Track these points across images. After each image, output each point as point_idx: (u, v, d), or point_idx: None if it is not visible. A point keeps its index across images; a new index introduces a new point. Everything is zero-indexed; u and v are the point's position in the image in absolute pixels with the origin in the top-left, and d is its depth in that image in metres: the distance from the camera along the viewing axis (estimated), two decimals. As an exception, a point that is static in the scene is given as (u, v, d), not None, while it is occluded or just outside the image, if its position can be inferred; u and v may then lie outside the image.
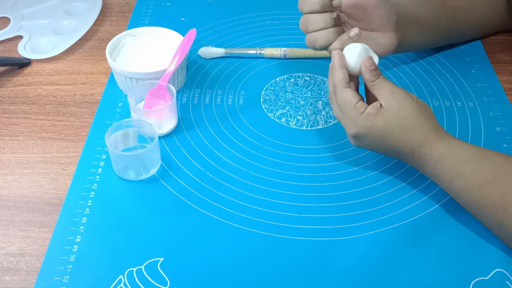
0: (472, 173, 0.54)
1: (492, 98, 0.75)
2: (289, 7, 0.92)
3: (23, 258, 0.56)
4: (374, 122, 0.57)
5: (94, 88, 0.77)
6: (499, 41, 0.85)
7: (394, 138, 0.57)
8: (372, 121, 0.57)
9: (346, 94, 0.59)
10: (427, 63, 0.81)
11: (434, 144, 0.56)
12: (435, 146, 0.56)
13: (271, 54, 0.81)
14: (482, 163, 0.55)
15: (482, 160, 0.55)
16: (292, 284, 0.54)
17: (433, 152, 0.56)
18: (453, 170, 0.55)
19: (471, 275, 0.55)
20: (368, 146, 0.60)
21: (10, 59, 0.80)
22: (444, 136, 0.57)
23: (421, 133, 0.57)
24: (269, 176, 0.64)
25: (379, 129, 0.57)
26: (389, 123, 0.57)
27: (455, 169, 0.55)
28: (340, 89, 0.59)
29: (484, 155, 0.56)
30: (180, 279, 0.54)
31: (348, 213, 0.60)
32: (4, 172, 0.65)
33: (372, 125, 0.57)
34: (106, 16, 0.92)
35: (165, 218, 0.60)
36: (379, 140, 0.58)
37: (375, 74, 0.58)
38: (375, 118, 0.57)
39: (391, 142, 0.58)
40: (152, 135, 0.63)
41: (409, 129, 0.57)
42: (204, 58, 0.81)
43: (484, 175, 0.54)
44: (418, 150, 0.57)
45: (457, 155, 0.55)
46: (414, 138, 0.57)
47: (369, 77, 0.58)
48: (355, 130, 0.59)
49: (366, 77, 0.59)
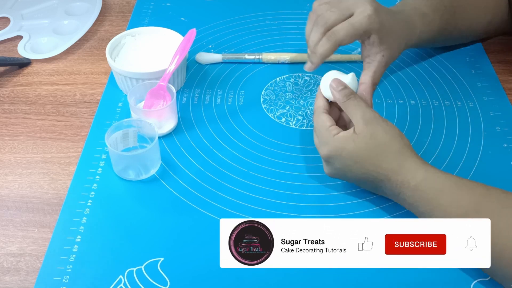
0: (451, 205, 0.52)
1: (492, 98, 0.75)
2: (289, 7, 0.92)
3: (23, 258, 0.56)
4: (345, 145, 0.56)
5: (94, 88, 0.77)
6: (499, 41, 0.85)
7: (367, 163, 0.56)
8: (342, 143, 0.56)
9: (322, 117, 0.59)
10: (427, 63, 0.81)
11: (411, 171, 0.54)
12: (412, 173, 0.54)
13: (269, 60, 0.80)
14: (461, 195, 0.52)
15: (462, 191, 0.53)
16: (292, 284, 0.54)
17: (409, 180, 0.54)
18: (433, 200, 0.53)
19: (472, 276, 0.55)
20: (340, 170, 0.58)
21: (10, 59, 0.80)
22: (421, 164, 0.55)
23: (395, 160, 0.55)
24: (269, 176, 0.64)
25: (348, 153, 0.56)
26: (359, 149, 0.56)
27: (434, 199, 0.53)
28: (317, 114, 0.60)
29: (463, 185, 0.53)
30: (180, 279, 0.54)
31: (348, 213, 0.60)
32: (4, 172, 0.65)
33: (342, 147, 0.56)
34: (106, 16, 0.92)
35: (165, 218, 0.60)
36: (349, 164, 0.57)
37: (344, 94, 0.59)
38: (345, 142, 0.56)
39: (364, 168, 0.56)
40: (152, 135, 0.63)
41: (382, 155, 0.55)
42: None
43: (464, 207, 0.52)
44: (395, 177, 0.55)
45: (436, 184, 0.53)
46: (388, 164, 0.55)
47: (339, 98, 0.59)
48: (326, 150, 0.58)
49: (336, 98, 0.59)
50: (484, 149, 0.68)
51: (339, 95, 0.59)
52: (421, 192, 0.54)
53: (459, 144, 0.68)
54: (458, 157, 0.66)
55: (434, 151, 0.67)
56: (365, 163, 0.56)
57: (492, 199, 0.52)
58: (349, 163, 0.57)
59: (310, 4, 0.92)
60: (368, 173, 0.56)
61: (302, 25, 0.87)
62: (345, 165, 0.57)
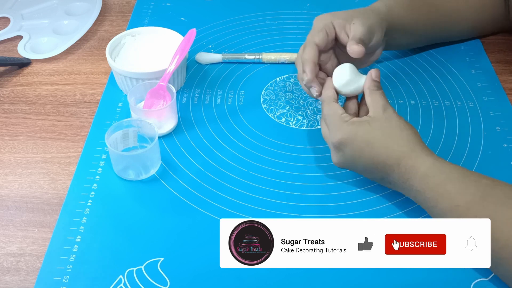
0: (458, 192, 0.53)
1: (492, 98, 0.75)
2: (289, 7, 0.92)
3: (23, 258, 0.56)
4: (359, 128, 0.57)
5: (94, 88, 0.77)
6: (499, 41, 0.85)
7: (379, 145, 0.56)
8: (357, 127, 0.57)
9: (333, 106, 0.61)
10: (428, 63, 0.81)
11: (421, 157, 0.55)
12: (422, 159, 0.55)
13: (269, 59, 0.80)
14: (468, 183, 0.53)
15: (469, 180, 0.53)
16: (292, 284, 0.54)
17: (419, 164, 0.55)
18: (439, 187, 0.54)
19: (472, 276, 0.55)
20: (350, 158, 0.59)
21: (10, 59, 0.80)
22: (430, 153, 0.56)
23: (407, 143, 0.56)
24: (269, 176, 0.64)
25: (362, 135, 0.57)
26: (373, 129, 0.57)
27: (441, 186, 0.53)
28: (327, 103, 0.61)
29: (471, 175, 0.54)
30: (180, 279, 0.54)
31: (348, 213, 0.60)
32: (4, 172, 0.65)
33: (356, 131, 0.57)
34: (106, 16, 0.92)
35: (165, 218, 0.60)
36: (362, 148, 0.57)
37: (377, 85, 0.60)
38: (360, 125, 0.57)
39: (375, 150, 0.57)
40: (152, 135, 0.63)
41: (394, 138, 0.56)
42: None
43: (470, 195, 0.52)
44: (404, 161, 0.55)
45: (444, 172, 0.54)
46: (400, 147, 0.56)
47: (371, 85, 0.60)
48: (339, 136, 0.58)
49: (368, 84, 0.61)
50: (484, 149, 0.68)
51: (371, 83, 0.61)
52: (430, 178, 0.54)
53: (459, 144, 0.68)
54: (458, 157, 0.66)
55: (434, 151, 0.66)
56: (378, 145, 0.57)
57: (497, 190, 0.53)
58: (362, 146, 0.57)
59: (310, 4, 0.92)
60: (378, 158, 0.57)
61: (302, 25, 0.88)
62: (357, 149, 0.58)
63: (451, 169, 0.55)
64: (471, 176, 0.54)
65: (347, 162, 0.59)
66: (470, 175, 0.55)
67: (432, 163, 0.55)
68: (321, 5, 0.92)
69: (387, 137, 0.57)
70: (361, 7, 0.70)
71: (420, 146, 0.56)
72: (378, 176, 0.59)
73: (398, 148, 0.56)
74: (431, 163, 0.55)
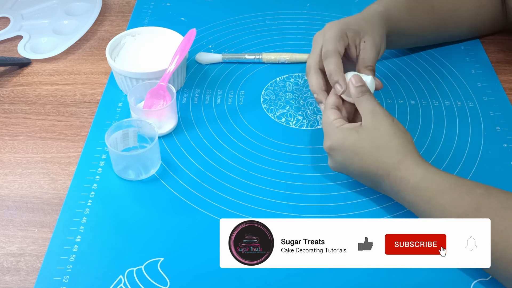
0: (450, 204, 0.52)
1: (492, 98, 0.75)
2: (289, 7, 0.92)
3: (23, 258, 0.56)
4: (347, 136, 0.57)
5: (94, 88, 0.77)
6: (499, 41, 0.85)
7: (367, 156, 0.56)
8: (345, 134, 0.58)
9: (327, 112, 0.61)
10: (427, 63, 0.81)
11: (411, 168, 0.54)
12: (412, 171, 0.54)
13: (269, 59, 0.80)
14: (461, 194, 0.52)
15: (462, 191, 0.52)
16: (292, 284, 0.54)
17: (409, 177, 0.54)
18: (432, 200, 0.53)
19: (472, 277, 0.55)
20: (342, 164, 0.59)
21: (10, 59, 0.80)
22: (421, 163, 0.55)
23: (396, 154, 0.55)
24: (269, 176, 0.64)
25: (350, 144, 0.57)
26: (361, 140, 0.56)
27: (433, 199, 0.53)
28: (324, 110, 0.62)
29: (463, 186, 0.53)
30: (180, 279, 0.54)
31: (348, 213, 0.60)
32: (4, 172, 0.65)
33: (344, 138, 0.57)
34: (106, 16, 0.92)
35: (165, 218, 0.60)
36: (350, 156, 0.57)
37: (360, 91, 0.60)
38: (348, 133, 0.57)
39: (364, 161, 0.56)
40: (152, 135, 0.63)
41: (382, 149, 0.56)
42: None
43: (463, 207, 0.51)
44: (394, 172, 0.55)
45: (435, 184, 0.53)
46: (389, 159, 0.55)
47: (354, 93, 0.60)
48: (328, 142, 0.59)
49: (352, 93, 0.61)
50: (484, 149, 0.68)
51: (355, 91, 0.60)
52: (421, 190, 0.54)
53: (459, 144, 0.68)
54: (458, 157, 0.66)
55: (434, 151, 0.67)
56: (366, 155, 0.56)
57: (492, 199, 0.51)
58: (350, 155, 0.57)
59: (310, 4, 0.92)
60: (368, 168, 0.57)
61: (302, 25, 0.88)
62: (346, 157, 0.58)
63: (443, 180, 0.54)
64: (463, 186, 0.53)
65: (341, 167, 0.60)
66: (462, 185, 0.53)
67: (423, 174, 0.54)
68: (321, 5, 0.92)
69: (375, 148, 0.56)
70: (361, 7, 0.70)
71: (411, 155, 0.55)
72: (371, 184, 0.59)
73: (387, 159, 0.55)
74: (422, 174, 0.54)
